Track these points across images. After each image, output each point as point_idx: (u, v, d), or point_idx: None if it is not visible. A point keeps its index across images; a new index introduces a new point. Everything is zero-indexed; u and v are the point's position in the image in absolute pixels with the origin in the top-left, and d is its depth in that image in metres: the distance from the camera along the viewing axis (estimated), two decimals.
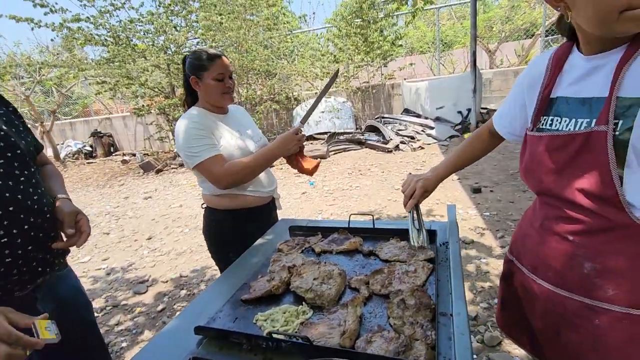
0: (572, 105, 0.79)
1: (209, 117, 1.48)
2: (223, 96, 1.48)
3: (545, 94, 0.86)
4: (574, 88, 0.80)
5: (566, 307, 0.84)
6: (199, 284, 2.96)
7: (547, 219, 0.87)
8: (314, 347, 0.72)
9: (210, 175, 1.40)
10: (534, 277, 0.92)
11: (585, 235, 0.78)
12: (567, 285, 0.83)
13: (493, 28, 11.89)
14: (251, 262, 1.24)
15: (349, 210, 4.08)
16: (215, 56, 1.44)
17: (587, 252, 0.79)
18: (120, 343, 2.32)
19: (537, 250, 0.91)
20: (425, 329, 0.76)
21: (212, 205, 1.58)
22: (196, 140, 1.38)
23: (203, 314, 0.96)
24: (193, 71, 1.45)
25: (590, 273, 0.78)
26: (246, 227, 1.55)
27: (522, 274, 0.97)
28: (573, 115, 0.78)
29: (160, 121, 8.37)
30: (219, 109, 1.54)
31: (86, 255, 3.78)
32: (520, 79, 0.97)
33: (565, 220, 0.82)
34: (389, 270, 1.01)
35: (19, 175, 0.94)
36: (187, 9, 7.39)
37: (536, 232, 0.91)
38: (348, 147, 7.09)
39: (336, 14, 9.11)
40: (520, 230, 1.02)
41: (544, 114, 0.85)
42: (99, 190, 6.72)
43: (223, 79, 1.45)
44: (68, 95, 10.77)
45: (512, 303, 1.04)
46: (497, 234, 3.12)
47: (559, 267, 0.84)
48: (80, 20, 6.97)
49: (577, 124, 0.77)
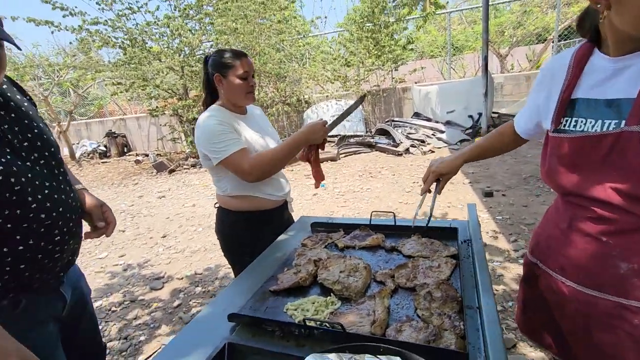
0: (597, 107, 0.79)
1: (230, 116, 1.47)
2: (246, 95, 1.47)
3: (566, 95, 0.85)
4: (599, 89, 0.80)
5: (598, 308, 0.83)
6: (213, 282, 3.00)
7: (574, 219, 0.87)
8: (347, 334, 0.75)
9: (239, 168, 1.37)
10: (562, 278, 0.91)
11: (619, 235, 0.78)
12: (600, 285, 0.82)
13: (505, 33, 11.84)
14: (275, 256, 1.27)
15: (361, 211, 4.11)
16: (241, 54, 1.44)
17: (622, 252, 0.78)
18: (138, 337, 2.38)
19: (564, 251, 0.90)
20: (453, 320, 0.78)
21: (226, 206, 1.57)
22: (220, 136, 1.37)
23: (233, 303, 1.00)
24: (217, 69, 1.43)
25: (627, 273, 0.78)
26: (259, 230, 1.55)
27: (548, 276, 0.96)
28: (599, 116, 0.78)
29: (173, 122, 8.51)
30: (239, 109, 1.53)
31: (103, 251, 3.86)
32: (537, 81, 0.98)
33: (595, 221, 0.81)
34: (413, 265, 1.04)
35: (57, 174, 0.97)
36: (202, 12, 7.52)
37: (562, 234, 0.91)
38: (358, 150, 7.12)
39: (348, 18, 9.18)
40: (544, 232, 1.01)
41: (564, 115, 0.86)
42: (114, 188, 6.85)
43: (247, 78, 1.44)
44: (84, 96, 11.01)
45: (536, 305, 1.03)
46: (510, 238, 3.12)
47: (592, 268, 0.83)
48: (99, 23, 7.14)
49: (604, 125, 0.77)
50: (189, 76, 7.67)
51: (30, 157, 0.89)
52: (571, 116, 0.84)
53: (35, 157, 0.90)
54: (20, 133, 0.89)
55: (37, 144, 0.92)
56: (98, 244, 4.08)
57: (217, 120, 1.40)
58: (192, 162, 7.94)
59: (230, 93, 1.46)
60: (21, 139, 0.88)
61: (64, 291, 1.04)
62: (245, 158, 1.37)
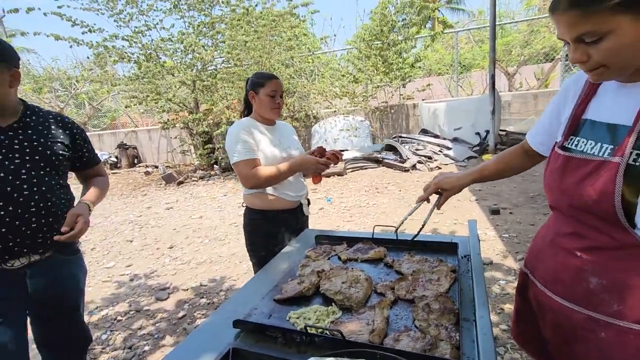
0: (599, 130, 0.81)
1: (256, 126, 1.73)
2: (272, 110, 1.73)
3: (577, 113, 0.87)
4: (605, 112, 0.82)
5: (573, 320, 0.86)
6: (218, 293, 3.03)
7: (558, 234, 0.91)
8: (346, 342, 0.78)
9: (240, 175, 1.65)
10: (545, 290, 0.94)
11: (592, 252, 0.82)
12: (575, 299, 0.86)
13: (512, 52, 11.96)
14: (280, 266, 1.31)
15: (366, 227, 4.12)
16: (272, 76, 1.73)
17: (594, 268, 0.82)
18: (142, 347, 2.40)
19: (548, 264, 0.94)
20: (449, 331, 0.81)
21: (248, 203, 1.80)
22: (239, 143, 1.64)
23: (238, 311, 1.03)
24: (252, 87, 1.73)
25: (596, 288, 0.81)
26: (274, 228, 1.76)
27: (535, 286, 1.00)
28: (599, 139, 0.80)
29: (183, 135, 8.69)
30: (267, 121, 1.78)
31: (111, 260, 3.92)
32: (559, 94, 0.98)
33: (574, 237, 0.86)
34: (413, 277, 1.06)
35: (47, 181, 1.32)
36: (215, 30, 7.78)
37: (548, 247, 0.95)
38: (365, 165, 7.16)
39: (357, 36, 9.39)
40: (535, 244, 1.04)
41: (572, 133, 0.88)
42: (123, 199, 6.97)
43: (274, 96, 1.71)
44: (98, 108, 11.33)
45: (527, 315, 1.06)
46: (517, 256, 3.10)
47: (567, 281, 0.87)
48: (117, 38, 7.43)
49: (601, 149, 0.79)
50: (200, 90, 7.88)
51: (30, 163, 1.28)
52: (576, 135, 0.86)
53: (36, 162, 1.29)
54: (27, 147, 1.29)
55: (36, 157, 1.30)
56: (106, 253, 4.15)
57: (241, 128, 1.67)
58: (200, 175, 8.06)
59: (259, 107, 1.74)
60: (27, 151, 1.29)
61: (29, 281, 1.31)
62: (248, 168, 1.63)
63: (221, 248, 3.99)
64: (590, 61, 0.73)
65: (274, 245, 1.72)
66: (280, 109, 1.76)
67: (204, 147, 8.24)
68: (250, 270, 2.46)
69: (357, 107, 8.74)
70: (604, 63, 0.71)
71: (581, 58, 0.73)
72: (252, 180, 1.63)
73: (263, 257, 1.69)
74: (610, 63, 0.71)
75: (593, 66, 0.73)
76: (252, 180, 1.63)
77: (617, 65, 0.71)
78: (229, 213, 5.28)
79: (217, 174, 8.10)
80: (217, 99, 7.72)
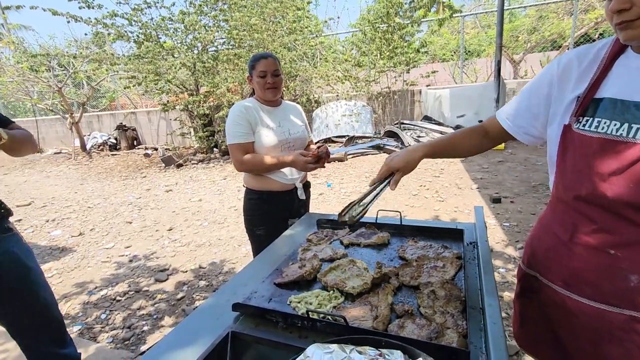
0: (624, 109, 0.74)
1: (257, 107, 1.74)
2: (266, 91, 1.71)
3: (591, 92, 0.79)
4: (628, 90, 0.74)
5: (606, 321, 0.81)
6: (217, 276, 3.03)
7: (577, 231, 0.83)
8: (349, 328, 0.76)
9: (232, 157, 1.73)
10: (567, 292, 0.87)
11: (629, 248, 0.76)
12: (608, 298, 0.80)
13: (519, 38, 11.71)
14: (281, 250, 1.28)
15: (367, 213, 4.09)
16: (260, 57, 1.70)
17: (632, 265, 0.76)
18: (142, 327, 2.41)
19: (567, 264, 0.86)
20: (456, 319, 0.78)
21: (245, 183, 1.84)
22: (234, 125, 1.68)
23: (238, 294, 1.01)
24: (249, 70, 1.74)
25: (637, 286, 0.75)
26: (270, 208, 1.79)
27: (549, 289, 0.92)
28: (625, 119, 0.73)
29: (183, 117, 8.58)
30: (268, 102, 1.78)
31: (110, 242, 3.91)
32: (549, 75, 0.89)
33: (601, 233, 0.78)
34: (418, 264, 1.04)
35: None
36: (218, 9, 7.58)
37: (564, 246, 0.87)
38: (366, 152, 7.10)
39: (362, 18, 9.17)
40: (541, 243, 0.95)
41: (583, 114, 0.80)
42: (122, 181, 6.93)
43: (265, 76, 1.68)
44: (97, 88, 11.17)
45: (536, 319, 0.99)
46: (517, 245, 3.08)
47: (596, 281, 0.81)
48: (116, 16, 7.24)
49: (630, 130, 0.72)
50: (200, 72, 7.73)
51: None
52: (593, 116, 0.78)
53: None
54: None
55: None
56: (105, 234, 4.14)
57: (239, 111, 1.69)
58: (200, 158, 8.00)
59: (256, 88, 1.75)
60: None
61: None
62: (240, 152, 1.69)
63: (220, 231, 3.98)
64: (632, 9, 0.67)
65: (270, 225, 1.76)
66: (276, 89, 1.73)
67: (203, 130, 8.15)
68: (249, 253, 2.44)
69: (360, 92, 8.60)
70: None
71: (624, 5, 0.67)
72: (240, 165, 1.71)
73: (259, 238, 1.80)
74: None
75: (633, 16, 0.67)
76: (240, 166, 1.71)
77: None
78: (229, 197, 5.25)
79: (217, 158, 8.04)
80: (219, 81, 7.57)
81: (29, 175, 8.11)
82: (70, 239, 4.06)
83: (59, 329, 1.59)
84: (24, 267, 1.45)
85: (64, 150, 10.87)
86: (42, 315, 1.51)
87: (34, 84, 10.31)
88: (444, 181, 5.10)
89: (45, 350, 1.53)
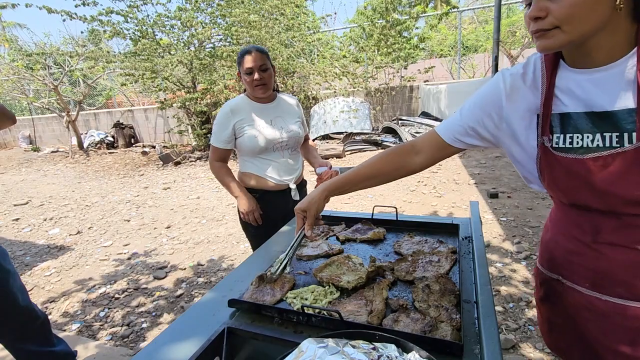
0: (588, 121, 0.74)
1: (247, 105, 1.70)
2: (254, 89, 1.64)
3: (547, 108, 0.78)
4: (580, 103, 0.75)
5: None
6: (215, 273, 3.03)
7: (599, 232, 0.80)
8: (344, 322, 0.76)
9: (210, 158, 1.78)
10: (597, 294, 0.83)
11: None
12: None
13: (516, 33, 11.70)
14: (278, 246, 1.29)
15: (364, 209, 4.11)
16: (245, 52, 1.61)
17: None
18: (141, 324, 2.41)
19: (594, 266, 0.82)
20: (450, 312, 0.79)
21: (240, 182, 1.84)
22: (218, 128, 1.69)
23: (234, 290, 1.01)
24: (237, 66, 1.68)
25: None
26: (264, 207, 1.78)
27: (577, 292, 0.88)
28: (595, 130, 0.73)
29: (180, 115, 8.56)
30: (259, 99, 1.72)
31: (108, 239, 3.91)
32: (496, 89, 0.87)
33: (627, 229, 0.76)
34: (413, 259, 1.04)
35: None
36: (215, 5, 7.53)
37: (587, 248, 0.83)
38: (364, 148, 7.11)
39: (359, 12, 9.14)
40: (559, 245, 0.91)
41: (553, 131, 0.79)
42: (120, 179, 6.92)
43: (251, 73, 1.60)
44: (93, 86, 11.11)
45: (563, 324, 0.96)
46: (514, 240, 3.10)
47: (628, 279, 0.78)
48: (112, 12, 7.19)
49: (604, 139, 0.72)
50: (198, 69, 7.70)
51: None
52: (563, 132, 0.77)
53: None
54: None
55: None
56: (103, 232, 4.14)
57: (225, 112, 1.69)
58: (197, 155, 7.99)
59: (245, 86, 1.70)
60: None
61: None
62: (215, 155, 1.75)
63: (219, 228, 3.98)
64: (547, 18, 0.67)
65: (265, 223, 1.77)
66: (265, 85, 1.63)
67: (201, 127, 8.13)
68: (248, 250, 2.44)
69: (357, 88, 8.59)
70: (559, 24, 0.66)
71: (539, 13, 0.67)
72: (210, 166, 1.79)
73: (254, 236, 1.81)
74: (568, 23, 0.66)
75: (548, 26, 0.67)
76: (210, 166, 1.80)
77: (572, 27, 0.66)
78: (227, 194, 5.25)
79: None
80: (217, 78, 7.54)
81: (26, 174, 8.09)
82: (68, 238, 4.06)
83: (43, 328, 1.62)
84: (4, 271, 1.47)
85: (61, 149, 10.83)
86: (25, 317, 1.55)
87: (29, 82, 10.25)
88: (441, 177, 5.11)
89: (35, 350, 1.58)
